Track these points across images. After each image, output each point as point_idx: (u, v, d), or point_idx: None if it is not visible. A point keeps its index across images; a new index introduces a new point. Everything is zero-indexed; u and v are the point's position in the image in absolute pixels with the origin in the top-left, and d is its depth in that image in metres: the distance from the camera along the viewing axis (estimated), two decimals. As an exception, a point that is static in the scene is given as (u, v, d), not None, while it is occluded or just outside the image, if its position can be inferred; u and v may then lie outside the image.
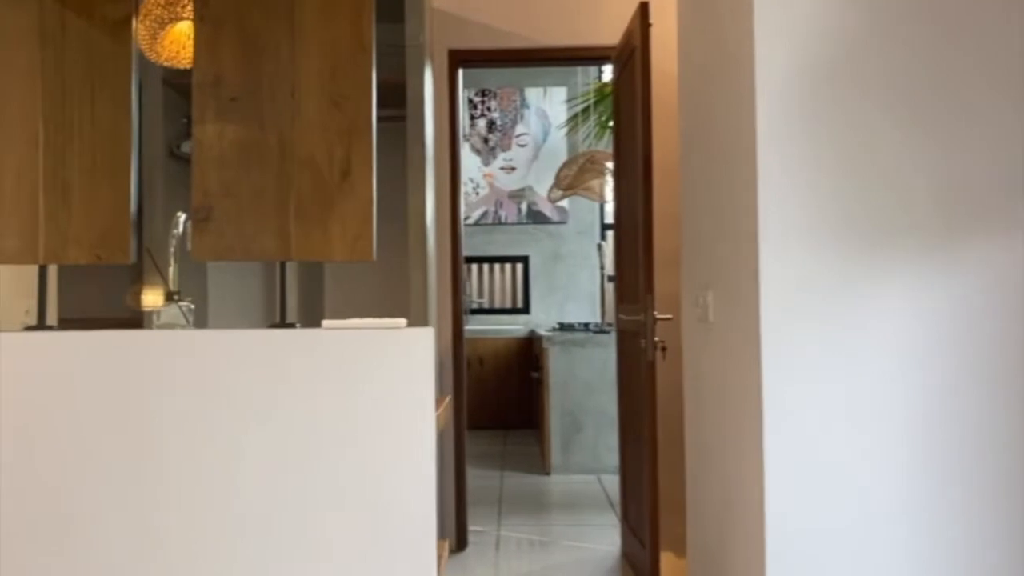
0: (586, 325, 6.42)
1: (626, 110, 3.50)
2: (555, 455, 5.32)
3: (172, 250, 2.00)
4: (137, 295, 2.54)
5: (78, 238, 1.89)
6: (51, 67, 1.89)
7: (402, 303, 3.20)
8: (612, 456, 5.09)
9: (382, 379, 1.71)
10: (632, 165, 3.31)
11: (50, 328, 1.90)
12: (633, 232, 3.30)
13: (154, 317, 1.92)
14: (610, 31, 3.72)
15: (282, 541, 1.69)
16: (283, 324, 1.86)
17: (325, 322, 1.76)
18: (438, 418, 1.86)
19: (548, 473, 5.33)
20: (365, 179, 1.85)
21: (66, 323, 2.39)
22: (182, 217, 1.97)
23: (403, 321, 1.77)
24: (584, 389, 5.31)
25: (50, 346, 1.73)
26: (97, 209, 1.89)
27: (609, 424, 5.20)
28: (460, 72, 3.79)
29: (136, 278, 2.78)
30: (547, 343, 5.36)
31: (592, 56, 3.88)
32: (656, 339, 3.02)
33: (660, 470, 3.26)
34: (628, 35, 3.38)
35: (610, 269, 6.32)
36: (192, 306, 1.95)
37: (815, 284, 1.98)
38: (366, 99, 1.86)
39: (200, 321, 3.41)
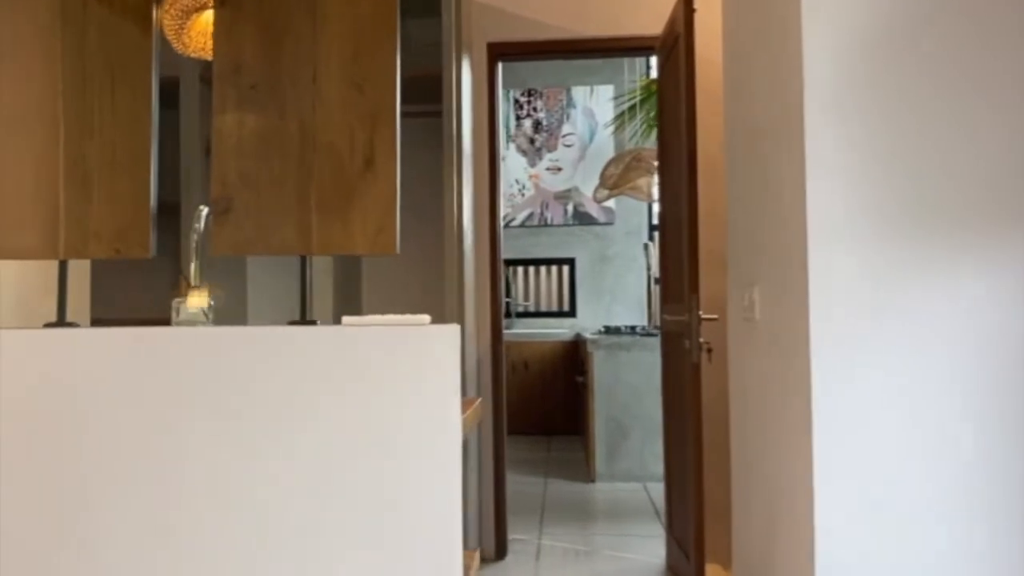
0: (632, 328, 6.28)
1: (670, 102, 3.37)
2: (600, 462, 5.18)
3: (194, 245, 1.93)
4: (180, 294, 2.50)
5: (98, 232, 1.84)
6: (72, 54, 1.84)
7: (440, 303, 3.11)
8: (659, 464, 4.93)
9: (404, 378, 1.61)
10: (676, 160, 3.18)
11: (70, 325, 1.85)
12: (678, 230, 3.16)
13: (173, 314, 1.86)
14: (654, 20, 3.59)
15: (298, 543, 1.60)
16: (304, 321, 1.78)
17: (346, 318, 1.67)
18: (465, 420, 1.76)
19: (592, 481, 5.20)
20: (388, 168, 1.76)
21: (99, 323, 2.35)
22: (204, 211, 1.91)
23: (427, 318, 1.68)
24: (630, 394, 5.17)
25: (63, 343, 1.67)
26: (117, 203, 1.83)
27: (656, 431, 5.05)
28: (499, 66, 3.69)
29: (175, 278, 2.75)
30: (592, 347, 5.24)
31: (635, 47, 3.75)
32: (701, 340, 2.88)
33: (706, 478, 3.11)
34: (671, 22, 3.24)
35: (657, 270, 6.18)
36: (212, 303, 1.88)
37: (868, 276, 1.83)
38: (390, 83, 1.77)
39: (239, 317, 3.37)
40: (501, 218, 3.68)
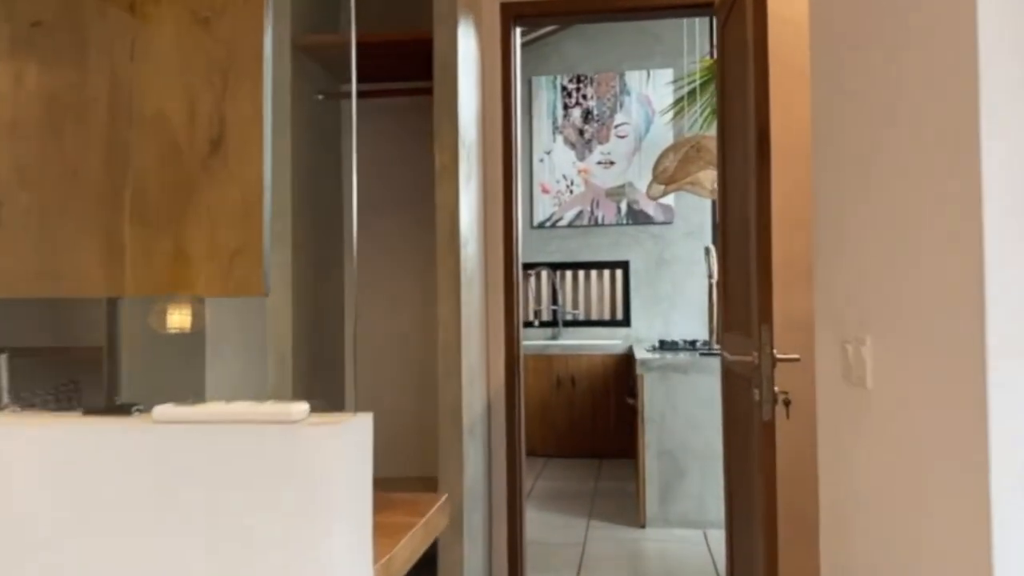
0: (692, 343, 5.48)
1: (732, 73, 2.60)
2: (651, 504, 4.41)
3: None
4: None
5: None
6: None
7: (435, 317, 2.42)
8: (721, 507, 4.16)
9: (242, 508, 0.92)
10: (740, 144, 2.41)
11: None
12: (742, 236, 2.39)
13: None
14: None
15: None
16: (109, 409, 1.09)
17: (159, 409, 0.98)
18: (394, 556, 1.06)
19: (643, 526, 4.43)
20: (250, 151, 1.06)
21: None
22: None
23: (302, 408, 0.97)
24: (687, 425, 4.38)
25: None
26: None
27: (719, 467, 4.27)
28: (516, 31, 2.97)
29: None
30: (642, 368, 4.46)
31: (687, 3, 2.98)
32: (776, 389, 2.11)
33: (780, 554, 2.35)
34: (736, -34, 2.47)
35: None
36: None
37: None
38: (253, 12, 1.07)
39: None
40: (519, 217, 2.97)
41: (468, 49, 2.61)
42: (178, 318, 1.54)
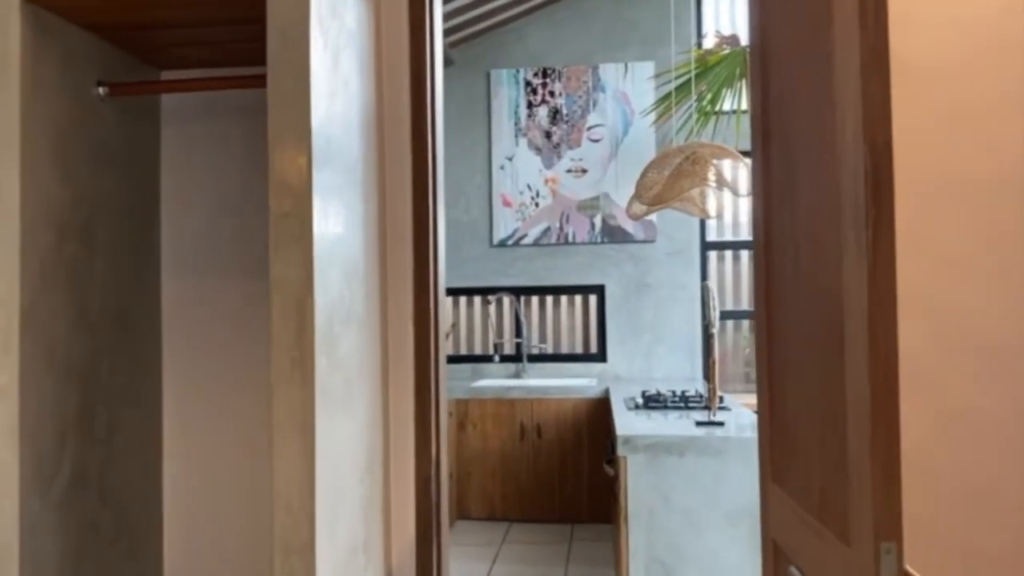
0: (682, 396, 4.46)
1: (784, 49, 1.57)
2: (638, 626, 3.38)
3: None
4: None
5: None
6: None
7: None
8: (730, 636, 3.15)
9: None
10: (813, 171, 1.38)
11: None
12: (817, 321, 1.35)
13: None
14: None
15: None
16: None
17: None
18: None
19: (627, 654, 3.40)
20: None
21: None
22: None
23: None
24: (684, 523, 3.36)
25: None
26: None
27: (724, 578, 3.26)
28: (434, -10, 1.91)
29: None
30: (624, 448, 3.42)
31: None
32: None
33: None
34: None
35: (719, 323, 4.42)
36: None
37: None
38: None
39: None
40: (438, 234, 1.91)
41: (342, 15, 1.56)
42: None
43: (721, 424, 3.58)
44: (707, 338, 4.81)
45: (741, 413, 3.95)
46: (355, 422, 1.57)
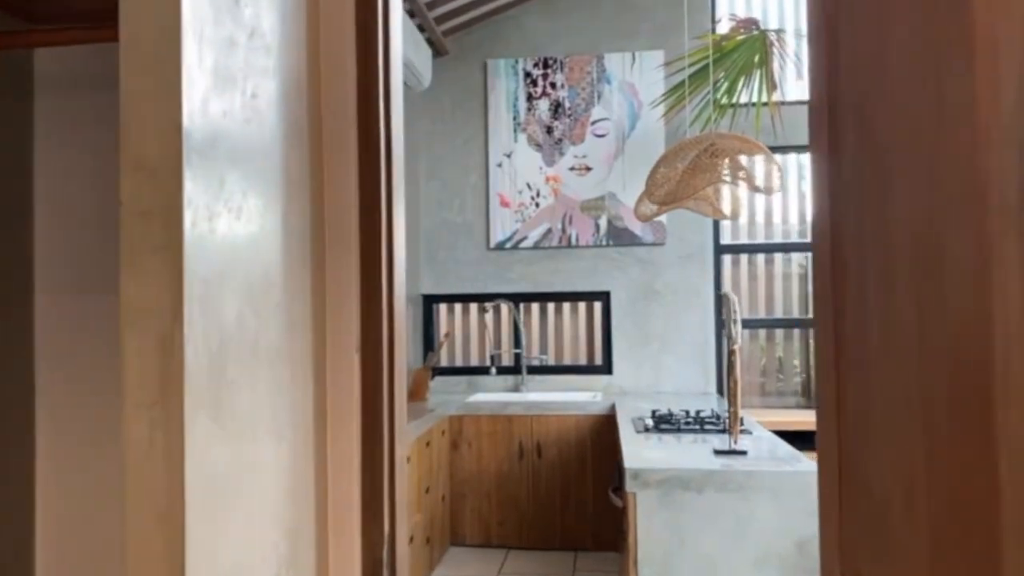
0: (697, 416, 4.02)
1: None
2: None
3: None
4: None
5: None
6: None
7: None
8: None
9: None
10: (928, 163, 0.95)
11: None
12: (922, 312, 0.92)
13: None
14: None
15: None
16: None
17: None
18: None
19: None
20: None
21: None
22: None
23: None
24: (704, 571, 2.91)
25: None
26: None
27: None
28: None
29: None
30: (633, 482, 2.98)
31: None
32: None
33: None
34: None
35: (738, 335, 3.96)
36: None
37: None
38: None
39: None
40: (397, 241, 1.48)
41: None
42: None
43: (743, 453, 3.14)
44: (727, 354, 4.37)
45: (764, 438, 3.51)
46: (265, 500, 1.13)
